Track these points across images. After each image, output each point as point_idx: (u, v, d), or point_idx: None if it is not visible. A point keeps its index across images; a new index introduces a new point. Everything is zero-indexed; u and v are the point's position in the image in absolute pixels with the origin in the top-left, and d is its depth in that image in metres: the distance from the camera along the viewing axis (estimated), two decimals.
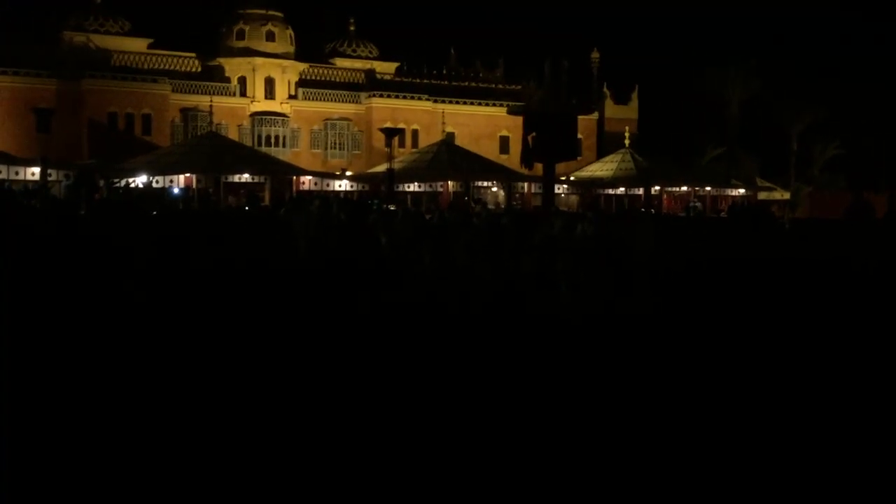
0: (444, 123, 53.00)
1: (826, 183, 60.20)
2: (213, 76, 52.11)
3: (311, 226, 16.74)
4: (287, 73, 53.34)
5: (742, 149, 57.24)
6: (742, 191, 53.55)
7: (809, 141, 60.19)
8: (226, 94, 51.31)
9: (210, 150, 40.98)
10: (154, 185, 37.00)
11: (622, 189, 52.01)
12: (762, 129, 58.92)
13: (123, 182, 36.38)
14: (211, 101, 47.76)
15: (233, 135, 49.71)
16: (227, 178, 40.21)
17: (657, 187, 50.13)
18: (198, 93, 50.32)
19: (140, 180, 37.30)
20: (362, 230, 17.79)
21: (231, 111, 51.11)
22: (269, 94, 52.71)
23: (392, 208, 27.39)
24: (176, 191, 36.78)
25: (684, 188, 52.21)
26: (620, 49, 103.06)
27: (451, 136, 53.31)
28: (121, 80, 47.97)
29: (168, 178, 37.97)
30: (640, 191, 48.99)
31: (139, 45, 51.20)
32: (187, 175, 38.66)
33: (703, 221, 35.81)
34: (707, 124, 60.02)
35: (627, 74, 67.51)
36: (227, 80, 52.14)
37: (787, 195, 55.91)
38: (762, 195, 54.43)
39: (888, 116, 58.30)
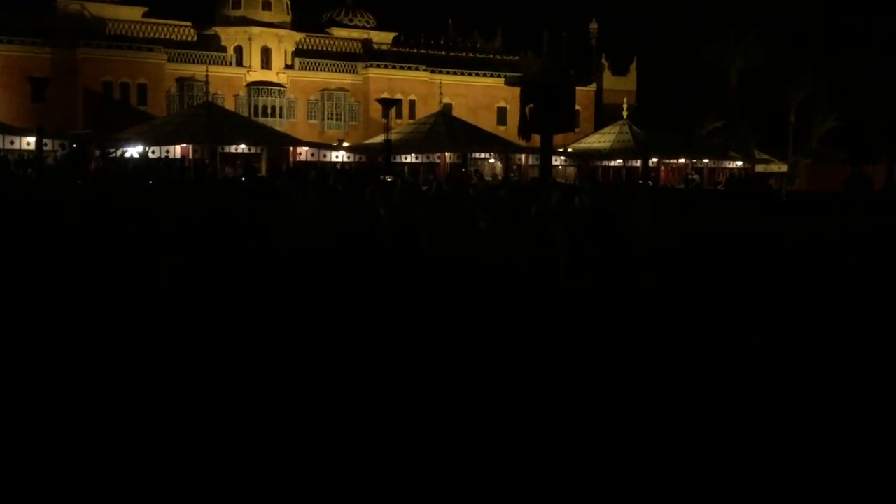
0: (441, 94, 52.71)
1: (824, 155, 60.19)
2: (209, 45, 51.69)
3: (307, 197, 16.71)
4: (283, 43, 52.94)
5: (741, 121, 57.11)
6: (740, 163, 53.44)
7: (808, 113, 60.11)
8: (222, 64, 50.92)
9: (206, 121, 40.70)
10: (150, 154, 36.81)
11: (620, 161, 51.85)
12: (761, 102, 58.81)
13: (119, 152, 36.23)
14: (207, 70, 47.39)
15: (229, 105, 49.41)
16: (223, 149, 40.00)
17: (655, 159, 49.98)
18: (194, 62, 49.92)
19: (136, 150, 37.12)
20: (360, 201, 17.75)
21: (227, 81, 50.76)
22: (266, 63, 52.34)
23: (390, 179, 27.31)
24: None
25: (682, 160, 52.09)
26: (619, 20, 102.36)
27: (448, 107, 53.07)
28: (116, 48, 47.56)
29: (164, 148, 37.76)
30: (638, 163, 48.83)
31: (134, 13, 50.73)
32: (183, 146, 38.44)
33: (701, 194, 35.77)
34: (706, 96, 59.90)
35: (626, 46, 67.09)
36: (224, 49, 51.73)
37: (784, 167, 55.86)
38: (760, 167, 54.31)
39: (886, 89, 58.12)
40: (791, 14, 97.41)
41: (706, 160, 52.61)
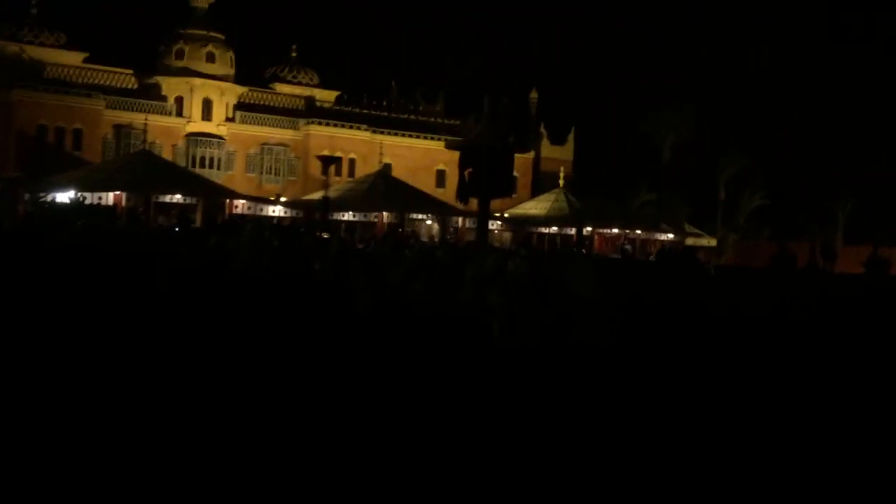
0: (381, 154, 53.11)
1: (751, 231, 62.05)
2: (149, 94, 51.32)
3: (242, 250, 16.52)
4: (226, 96, 52.86)
5: (673, 194, 58.63)
6: (671, 235, 54.70)
7: (736, 190, 62.07)
8: (162, 113, 50.56)
9: (142, 169, 40.24)
10: (82, 201, 36.08)
11: (555, 228, 52.64)
12: (693, 176, 60.54)
13: (49, 197, 35.45)
14: (146, 118, 47.05)
15: (167, 154, 48.90)
16: (158, 198, 39.49)
17: (589, 228, 50.88)
18: (132, 110, 49.47)
19: (67, 195, 36.37)
20: (295, 255, 17.62)
21: (166, 130, 50.35)
22: (207, 115, 52.11)
23: (326, 236, 27.21)
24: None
25: (616, 230, 53.10)
26: (559, 90, 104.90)
27: (388, 167, 53.40)
28: (53, 92, 46.90)
29: (97, 194, 37.09)
30: (573, 231, 49.64)
31: (74, 58, 50.25)
32: (117, 193, 37.83)
33: (634, 264, 36.41)
34: (640, 168, 61.49)
35: (564, 116, 68.70)
36: (164, 98, 51.40)
37: (713, 242, 57.35)
38: (690, 241, 55.67)
39: (811, 168, 60.43)
40: (724, 88, 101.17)
41: (639, 231, 53.72)
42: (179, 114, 51.43)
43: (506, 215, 52.75)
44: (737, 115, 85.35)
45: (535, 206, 55.29)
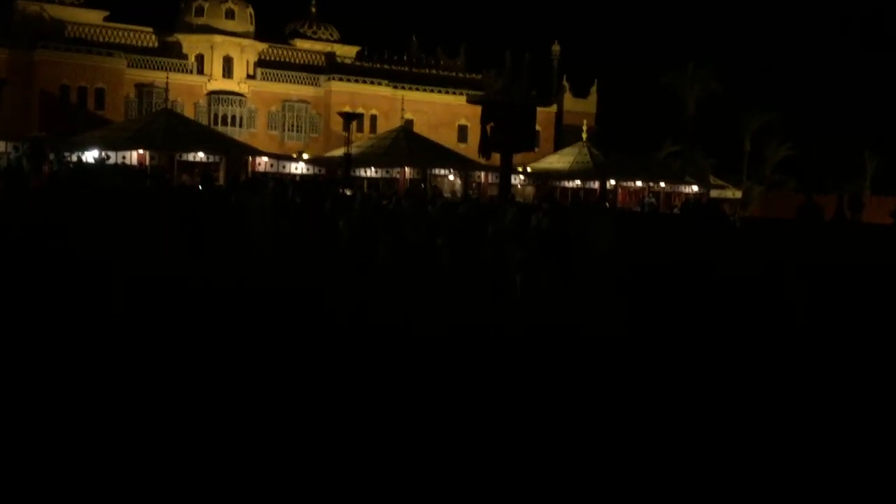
0: (403, 110, 52.80)
1: (777, 183, 61.37)
2: (170, 52, 51.22)
3: (266, 209, 16.57)
4: (246, 53, 52.66)
5: (697, 147, 57.99)
6: (695, 188, 54.21)
7: (762, 142, 61.26)
8: (182, 71, 50.49)
9: (165, 127, 40.30)
10: (106, 160, 36.32)
11: (578, 182, 52.32)
12: (717, 129, 59.80)
13: (74, 156, 35.68)
14: (167, 77, 46.96)
15: (188, 112, 48.94)
16: (181, 157, 39.61)
17: (613, 181, 50.54)
18: (154, 68, 49.43)
19: (92, 155, 36.60)
20: (318, 214, 17.67)
21: (188, 89, 50.33)
22: (227, 73, 51.99)
23: (349, 193, 27.23)
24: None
25: (639, 183, 52.70)
26: (581, 43, 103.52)
27: (409, 122, 53.14)
28: (74, 52, 46.91)
29: (120, 153, 37.27)
30: (596, 184, 49.30)
31: (94, 17, 50.15)
32: (140, 152, 37.98)
33: (658, 217, 36.20)
34: (664, 122, 60.79)
35: (587, 69, 67.91)
36: (185, 56, 51.29)
37: (738, 194, 56.80)
38: (715, 193, 55.17)
39: (838, 119, 59.41)
40: (750, 44, 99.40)
41: (663, 184, 53.27)
42: (200, 72, 51.35)
43: (528, 169, 52.45)
44: (762, 67, 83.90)
45: (558, 160, 54.91)
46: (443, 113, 57.30)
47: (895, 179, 52.82)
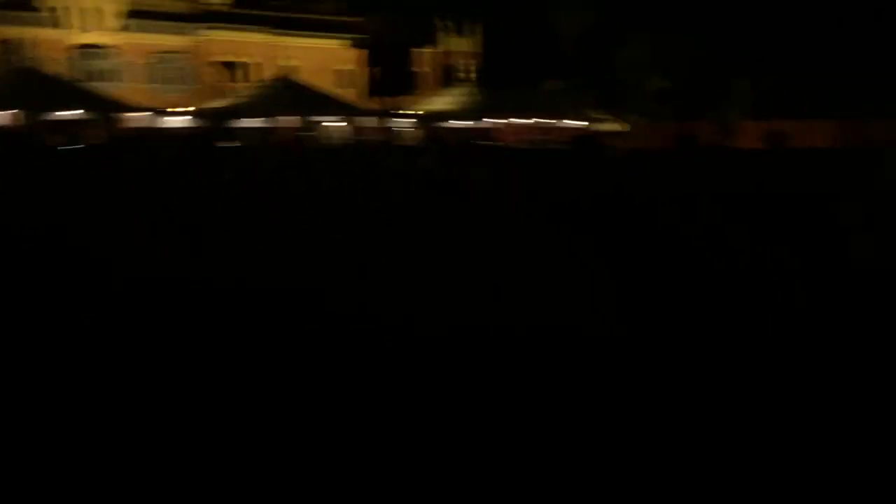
0: (282, 57, 51.55)
1: (658, 114, 62.92)
2: (27, 5, 48.40)
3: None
4: (115, 3, 50.23)
5: (579, 82, 58.82)
6: (581, 123, 55.06)
7: (641, 74, 62.55)
8: (46, 25, 47.85)
9: (30, 86, 38.23)
10: None
11: (467, 122, 52.37)
12: (597, 63, 60.67)
13: None
14: (28, 32, 44.47)
15: (57, 69, 46.52)
16: (49, 116, 37.69)
17: (499, 119, 50.81)
18: (15, 23, 46.68)
19: None
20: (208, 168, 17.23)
21: (53, 43, 47.78)
22: (95, 24, 49.54)
23: (236, 144, 26.61)
24: None
25: (525, 120, 53.12)
26: None
27: (290, 69, 51.97)
28: None
29: None
30: (485, 123, 49.45)
31: None
32: (2, 113, 35.95)
33: (543, 153, 36.64)
34: (547, 58, 61.22)
35: (472, 7, 67.64)
36: (51, 9, 48.56)
37: (623, 127, 58.02)
38: (599, 126, 56.17)
39: (712, 47, 61.04)
40: None
41: (550, 120, 53.83)
42: (65, 25, 48.76)
43: (414, 112, 52.17)
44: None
45: (443, 101, 54.73)
46: (325, 59, 56.19)
47: (768, 106, 54.84)
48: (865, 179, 15.90)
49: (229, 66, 40.71)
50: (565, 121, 54.71)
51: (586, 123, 54.80)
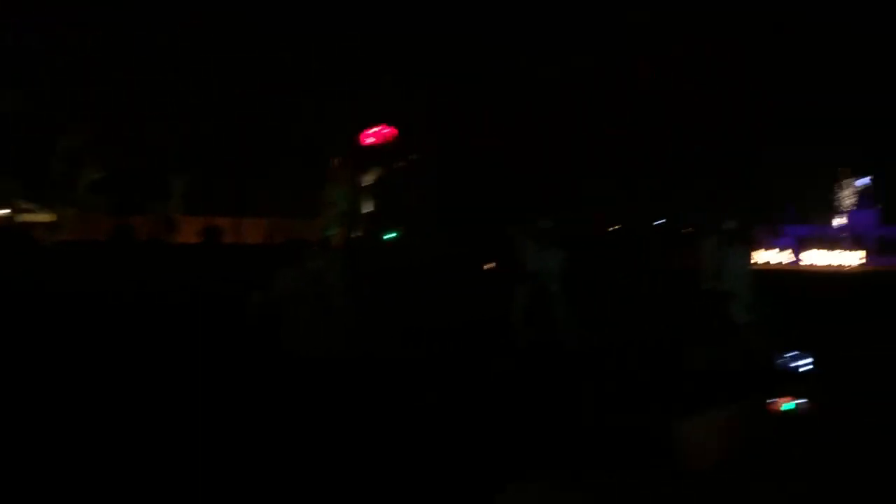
0: None
1: (91, 206, 60.63)
2: None
3: None
4: None
5: (2, 168, 54.52)
6: (3, 211, 50.89)
7: (75, 163, 60.06)
8: None
9: None
10: None
11: None
12: (26, 149, 56.80)
13: None
14: None
15: None
16: None
17: None
18: None
19: None
20: None
21: None
22: None
23: None
24: None
25: None
26: None
27: None
28: None
29: None
30: None
31: None
32: None
33: None
34: None
35: None
36: None
37: (50, 217, 54.80)
38: (25, 217, 52.64)
39: (149, 142, 61.26)
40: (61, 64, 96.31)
41: None
42: None
43: None
44: (75, 91, 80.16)
45: None
46: None
47: (201, 200, 56.73)
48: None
49: None
50: None
51: (7, 212, 50.65)
